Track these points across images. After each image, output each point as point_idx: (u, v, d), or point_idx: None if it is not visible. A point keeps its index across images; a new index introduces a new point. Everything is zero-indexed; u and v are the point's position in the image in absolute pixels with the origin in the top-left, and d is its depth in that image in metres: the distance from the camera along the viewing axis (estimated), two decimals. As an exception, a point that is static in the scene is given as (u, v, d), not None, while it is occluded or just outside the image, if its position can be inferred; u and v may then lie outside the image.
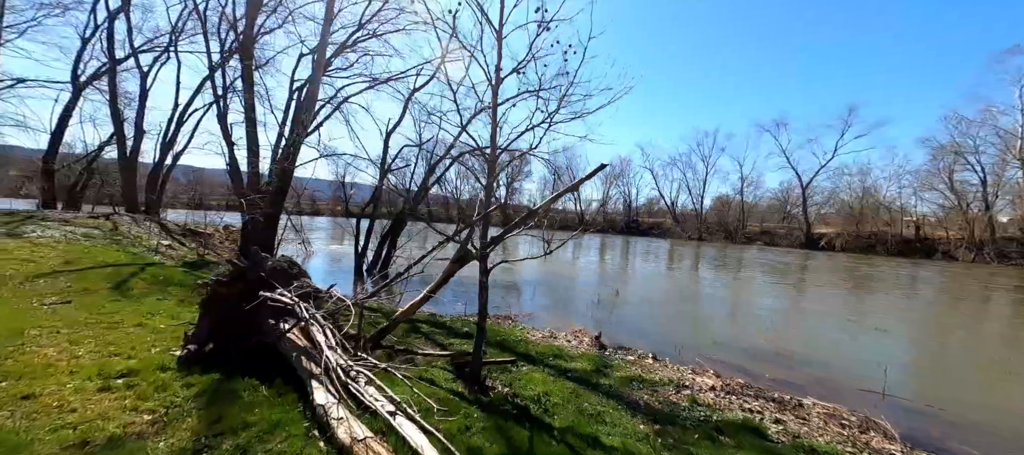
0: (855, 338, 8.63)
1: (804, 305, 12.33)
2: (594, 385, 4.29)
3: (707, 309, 10.96)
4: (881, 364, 5.82)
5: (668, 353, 6.31)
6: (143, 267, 7.75)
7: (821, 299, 13.44)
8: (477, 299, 3.84)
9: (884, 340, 8.61)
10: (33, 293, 5.34)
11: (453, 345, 5.30)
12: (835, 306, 12.27)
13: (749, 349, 7.05)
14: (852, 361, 7.00)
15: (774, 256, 30.57)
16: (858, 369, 6.58)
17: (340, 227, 34.36)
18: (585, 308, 9.83)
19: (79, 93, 17.96)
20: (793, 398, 4.71)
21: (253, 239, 11.85)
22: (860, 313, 11.47)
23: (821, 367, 6.40)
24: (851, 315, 11.01)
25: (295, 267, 4.44)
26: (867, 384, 5.53)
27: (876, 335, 8.96)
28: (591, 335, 6.45)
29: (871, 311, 11.90)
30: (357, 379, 3.10)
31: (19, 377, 3.01)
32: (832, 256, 34.09)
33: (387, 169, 12.91)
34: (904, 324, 10.56)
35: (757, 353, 6.84)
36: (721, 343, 7.34)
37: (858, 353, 7.55)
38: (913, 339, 9.38)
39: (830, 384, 5.62)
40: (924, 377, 6.84)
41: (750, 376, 5.56)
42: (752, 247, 40.77)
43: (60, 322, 4.33)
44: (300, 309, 3.66)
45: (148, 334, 4.30)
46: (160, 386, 3.11)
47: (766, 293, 14.21)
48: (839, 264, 26.61)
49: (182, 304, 5.73)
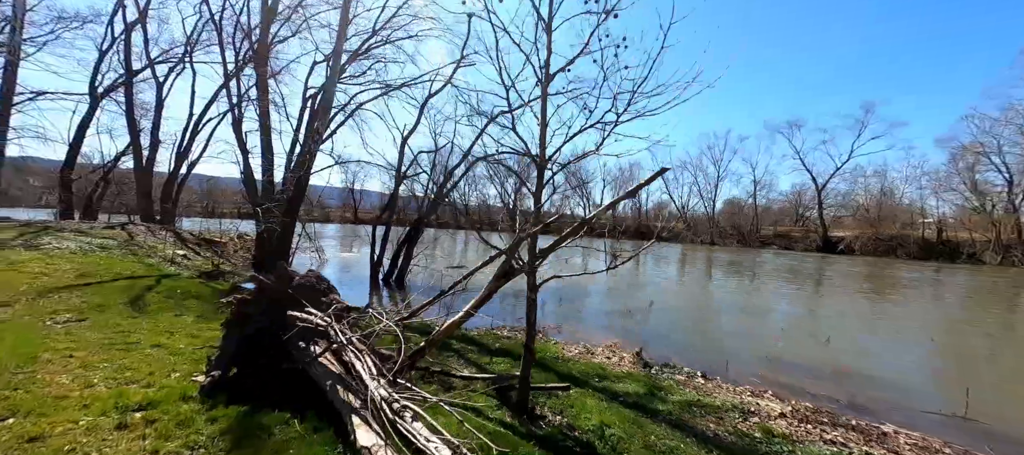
0: (909, 350, 8.05)
1: (843, 313, 11.69)
2: (653, 412, 3.86)
3: (740, 319, 10.42)
4: (945, 380, 5.30)
5: (716, 370, 5.84)
6: (158, 279, 7.51)
7: (859, 306, 12.78)
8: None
9: (943, 352, 8.02)
10: (47, 310, 5.08)
11: (489, 365, 4.91)
12: (876, 314, 11.62)
13: (800, 365, 6.54)
14: (915, 377, 6.45)
15: (793, 260, 29.71)
16: (924, 385, 6.05)
17: (349, 234, 34.34)
18: (606, 318, 9.35)
19: (97, 104, 18.11)
20: (870, 425, 4.23)
21: (268, 247, 11.65)
22: (905, 322, 10.82)
23: (884, 385, 5.87)
24: (897, 324, 10.38)
25: (323, 282, 4.10)
26: (940, 404, 5.02)
27: (931, 346, 8.36)
28: (631, 351, 6.01)
29: (916, 319, 11.24)
30: (403, 413, 2.72)
31: (28, 413, 2.69)
32: (853, 260, 33.07)
33: (403, 175, 12.65)
34: (959, 335, 9.87)
35: (809, 369, 6.33)
36: (768, 358, 6.83)
37: (918, 367, 6.99)
38: (974, 351, 8.71)
39: (901, 406, 5.10)
40: (1003, 396, 6.24)
41: (811, 397, 5.07)
42: (767, 251, 39.82)
43: (74, 343, 4.04)
44: (334, 331, 3.31)
45: (167, 356, 3.98)
46: (182, 421, 2.77)
47: (798, 301, 13.59)
48: (863, 269, 25.69)
49: (201, 320, 5.44)
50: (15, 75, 14.43)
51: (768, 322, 10.15)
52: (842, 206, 48.60)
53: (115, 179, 21.97)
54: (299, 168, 11.67)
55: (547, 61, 3.45)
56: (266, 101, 12.17)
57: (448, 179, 12.37)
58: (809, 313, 11.60)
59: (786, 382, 5.62)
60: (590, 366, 5.06)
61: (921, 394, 5.54)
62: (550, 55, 3.44)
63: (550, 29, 3.44)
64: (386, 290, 12.03)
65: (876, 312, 11.99)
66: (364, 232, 18.62)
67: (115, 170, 21.40)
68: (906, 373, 6.65)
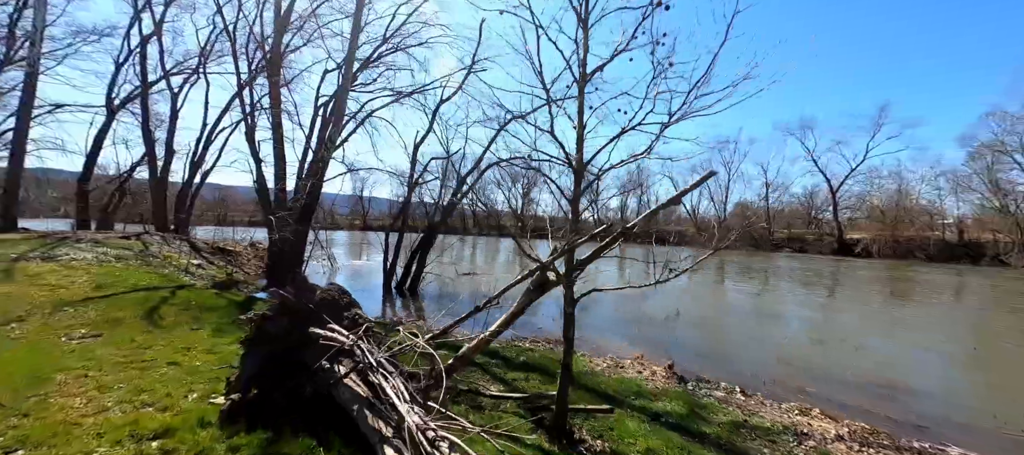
0: (952, 359, 7.60)
1: (873, 319, 11.20)
2: (699, 436, 3.57)
3: (765, 326, 10.01)
4: (996, 390, 4.90)
5: (751, 383, 5.51)
6: (173, 291, 7.41)
7: (889, 311, 12.25)
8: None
9: (988, 361, 7.55)
10: (62, 325, 4.96)
11: (515, 381, 4.66)
12: (909, 320, 11.11)
13: (841, 376, 6.16)
14: (962, 387, 6.05)
15: (810, 264, 28.95)
16: (974, 398, 5.63)
17: (358, 240, 34.34)
18: (625, 327, 9.01)
19: (113, 116, 18.36)
20: (934, 448, 3.89)
21: (282, 256, 11.56)
22: (941, 328, 10.29)
23: (934, 398, 5.48)
24: (933, 331, 9.88)
25: (345, 297, 3.90)
26: (996, 420, 4.63)
27: (974, 354, 7.89)
28: (662, 364, 5.71)
29: (951, 325, 10.71)
30: (439, 444, 2.49)
31: (38, 444, 2.51)
32: (871, 263, 32.16)
33: (416, 182, 12.51)
34: (1001, 341, 9.33)
35: (852, 382, 5.95)
36: (804, 369, 6.46)
37: (964, 377, 6.58)
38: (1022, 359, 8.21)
39: (960, 425, 4.72)
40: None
41: (862, 415, 4.72)
42: (780, 254, 38.93)
43: (89, 361, 3.88)
44: (361, 351, 3.09)
45: (183, 375, 3.80)
46: (201, 451, 2.57)
47: (824, 306, 13.09)
48: (885, 272, 24.90)
49: (217, 334, 5.27)
50: (34, 88, 14.67)
51: (795, 330, 9.74)
52: (857, 208, 47.45)
53: (131, 189, 22.25)
54: (312, 175, 11.60)
55: (583, 59, 3.23)
56: (279, 110, 12.16)
57: (462, 184, 12.19)
58: (837, 319, 11.12)
59: (831, 396, 5.26)
60: (623, 382, 4.78)
61: (973, 408, 5.15)
62: (587, 52, 3.23)
63: (586, 23, 3.22)
64: (399, 298, 11.85)
65: (908, 317, 11.48)
66: (373, 239, 18.41)
67: (131, 180, 21.66)
68: (953, 384, 6.25)
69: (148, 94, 17.93)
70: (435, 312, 10.30)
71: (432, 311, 10.51)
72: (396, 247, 12.39)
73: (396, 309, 10.91)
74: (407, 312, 10.38)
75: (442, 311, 9.26)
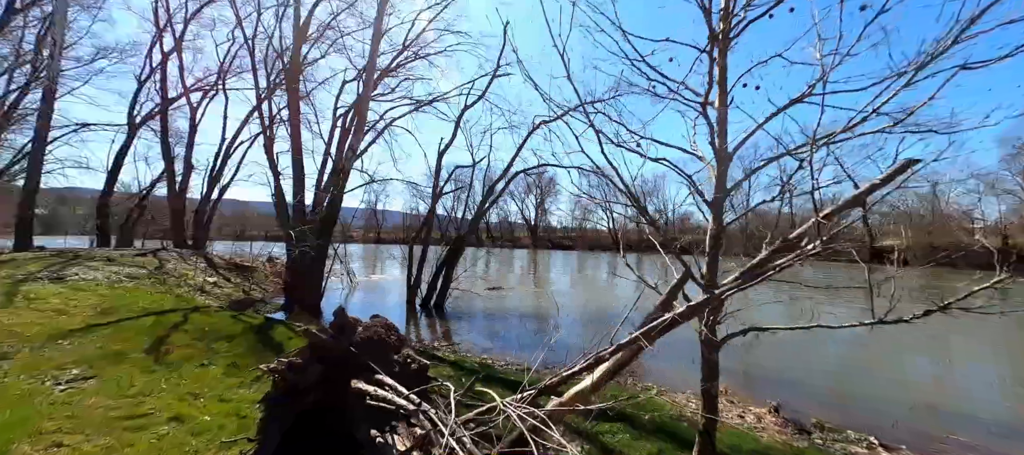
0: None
1: (971, 344, 9.69)
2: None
3: (852, 352, 8.78)
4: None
5: (877, 429, 4.40)
6: (186, 315, 6.67)
7: (984, 331, 10.58)
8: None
9: None
10: (52, 363, 4.20)
11: (601, 435, 3.68)
12: (1001, 342, 9.69)
13: (974, 417, 4.98)
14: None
15: (845, 273, 27.10)
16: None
17: (373, 254, 33.74)
18: (667, 349, 7.88)
19: (134, 133, 18.29)
20: None
21: (301, 272, 10.86)
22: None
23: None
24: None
25: (393, 333, 3.01)
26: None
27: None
28: (766, 406, 4.65)
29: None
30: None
31: None
32: (908, 271, 29.97)
33: (440, 192, 11.76)
34: None
35: (992, 423, 4.77)
36: (923, 405, 5.30)
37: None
38: None
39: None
40: None
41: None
42: (806, 263, 36.77)
43: (69, 419, 3.07)
44: (423, 417, 2.19)
45: (186, 436, 2.95)
46: None
47: (905, 327, 11.65)
48: (930, 281, 22.99)
49: (231, 371, 4.46)
50: (51, 108, 14.55)
51: (886, 354, 8.48)
52: (887, 214, 45.02)
53: (150, 205, 22.16)
54: (332, 186, 10.96)
55: (725, 7, 2.35)
56: (297, 121, 11.64)
57: (490, 192, 11.38)
58: (926, 340, 9.71)
59: (974, 443, 4.13)
60: (740, 437, 3.75)
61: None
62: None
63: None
64: (424, 317, 10.97)
65: (998, 339, 10.02)
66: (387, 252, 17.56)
67: (150, 196, 21.58)
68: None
69: (168, 110, 17.82)
70: (466, 331, 9.38)
71: (462, 330, 9.59)
72: (420, 260, 11.58)
73: (421, 329, 10.02)
74: (448, 342, 9.43)
75: (494, 341, 8.31)
